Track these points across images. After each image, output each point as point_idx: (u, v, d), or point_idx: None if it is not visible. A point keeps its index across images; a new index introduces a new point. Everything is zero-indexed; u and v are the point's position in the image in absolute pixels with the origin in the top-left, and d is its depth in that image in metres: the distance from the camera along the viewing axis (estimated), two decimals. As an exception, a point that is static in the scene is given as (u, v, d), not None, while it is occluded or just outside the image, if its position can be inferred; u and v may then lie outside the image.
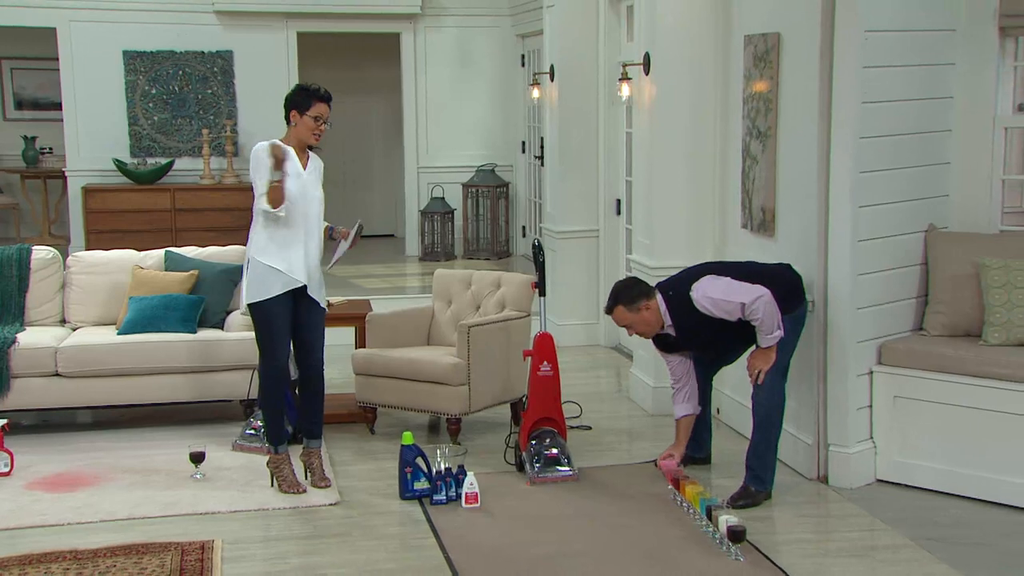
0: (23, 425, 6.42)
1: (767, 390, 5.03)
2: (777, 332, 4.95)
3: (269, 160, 5.04)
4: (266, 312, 5.20)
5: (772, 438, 5.08)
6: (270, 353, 5.27)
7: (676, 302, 5.07)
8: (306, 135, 5.25)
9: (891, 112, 5.31)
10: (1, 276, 6.64)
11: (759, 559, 4.47)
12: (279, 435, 5.35)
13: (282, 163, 5.05)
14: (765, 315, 4.88)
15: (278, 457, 5.35)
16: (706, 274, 5.11)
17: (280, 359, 5.29)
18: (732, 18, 6.21)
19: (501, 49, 11.83)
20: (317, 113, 5.22)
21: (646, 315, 5.09)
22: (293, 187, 5.16)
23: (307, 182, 5.25)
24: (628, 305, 5.10)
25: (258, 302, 5.19)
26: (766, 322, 4.91)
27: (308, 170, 5.29)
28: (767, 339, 4.96)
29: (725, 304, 4.93)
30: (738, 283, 4.98)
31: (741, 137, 6.05)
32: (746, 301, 4.87)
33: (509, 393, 6.19)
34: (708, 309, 4.98)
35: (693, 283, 5.05)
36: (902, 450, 5.33)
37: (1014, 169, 5.82)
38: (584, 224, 8.32)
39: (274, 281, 5.17)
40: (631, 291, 5.15)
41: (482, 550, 4.60)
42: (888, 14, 5.23)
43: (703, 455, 5.61)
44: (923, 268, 5.53)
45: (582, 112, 8.22)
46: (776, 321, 4.93)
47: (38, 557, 4.52)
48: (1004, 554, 4.57)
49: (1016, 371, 4.99)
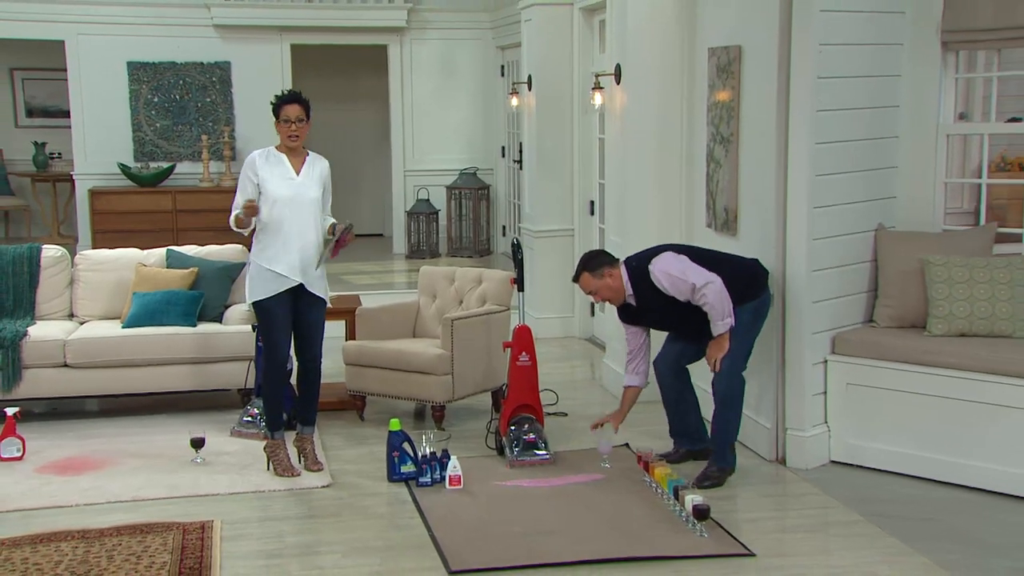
0: (34, 413, 6.38)
1: (725, 376, 5.00)
2: (728, 320, 4.93)
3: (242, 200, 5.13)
4: (265, 310, 5.20)
5: (731, 419, 5.06)
6: (271, 347, 5.26)
7: (637, 274, 5.06)
8: (284, 139, 5.24)
9: (843, 120, 5.33)
10: (13, 273, 6.60)
11: (722, 535, 4.49)
12: (277, 422, 5.34)
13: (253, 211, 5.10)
14: (715, 301, 4.88)
15: (274, 443, 5.34)
16: (669, 251, 5.10)
17: (280, 353, 5.28)
18: (697, 32, 6.22)
19: (482, 60, 11.82)
20: (286, 116, 5.22)
21: (609, 282, 5.08)
22: (284, 190, 5.15)
23: (300, 184, 5.22)
24: (592, 271, 5.11)
25: (257, 301, 5.19)
26: (716, 308, 4.89)
27: (302, 173, 5.25)
28: (717, 326, 4.94)
29: (678, 282, 4.93)
30: (695, 265, 4.96)
31: (706, 143, 6.06)
32: (697, 283, 4.88)
33: (490, 382, 6.19)
34: (662, 284, 4.97)
35: (654, 257, 5.05)
36: (854, 433, 5.36)
37: (955, 173, 5.86)
38: (560, 224, 8.32)
39: (270, 281, 5.16)
40: (596, 259, 5.18)
41: (464, 528, 4.60)
42: (840, 29, 5.25)
43: (700, 448, 5.35)
44: (873, 264, 5.56)
45: (558, 119, 8.22)
46: (726, 309, 4.91)
47: (48, 536, 4.50)
48: (948, 529, 4.60)
49: (957, 360, 5.03)
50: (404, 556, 4.37)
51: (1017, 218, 5.85)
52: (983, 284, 5.18)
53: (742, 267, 5.14)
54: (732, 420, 5.08)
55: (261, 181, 5.18)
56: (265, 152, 5.27)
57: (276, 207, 5.14)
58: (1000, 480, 4.94)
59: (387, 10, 11.46)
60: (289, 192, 5.17)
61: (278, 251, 5.15)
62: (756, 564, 4.25)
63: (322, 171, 5.34)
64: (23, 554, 4.31)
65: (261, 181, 5.18)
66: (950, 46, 5.52)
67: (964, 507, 4.84)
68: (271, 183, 5.17)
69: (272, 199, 5.15)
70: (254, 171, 5.20)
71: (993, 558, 4.30)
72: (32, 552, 4.33)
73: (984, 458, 4.97)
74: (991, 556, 4.32)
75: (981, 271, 5.20)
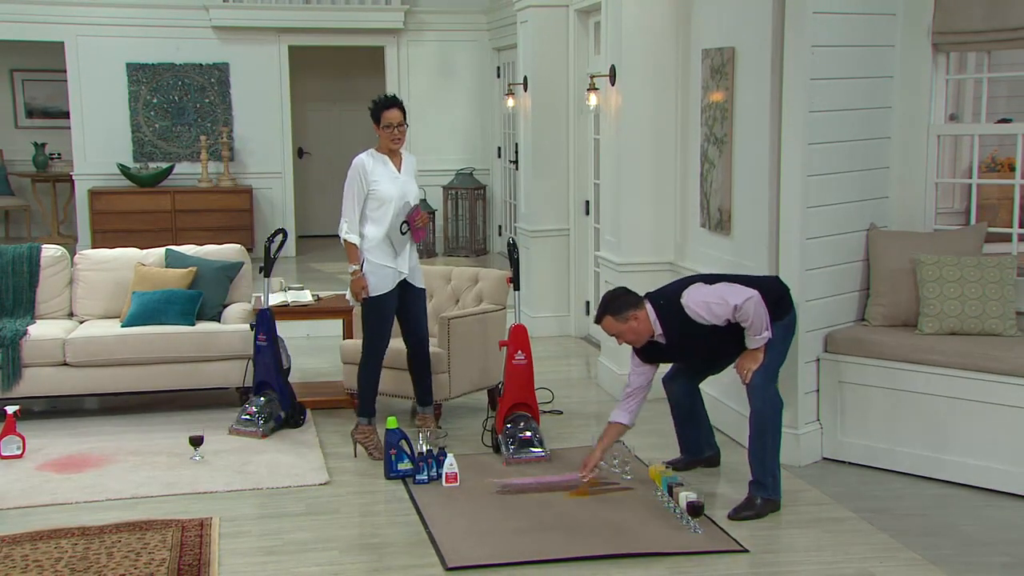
0: (34, 411, 6.38)
1: (760, 398, 4.71)
2: (765, 333, 4.68)
3: (356, 206, 5.40)
4: (378, 303, 5.39)
5: (768, 443, 4.71)
6: (375, 337, 5.45)
7: (667, 310, 4.74)
8: (386, 142, 5.42)
9: (836, 121, 5.34)
10: (13, 272, 6.60)
11: (716, 532, 4.50)
12: (369, 409, 5.52)
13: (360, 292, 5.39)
14: (755, 316, 4.61)
15: (366, 428, 5.50)
16: (697, 281, 4.86)
17: (383, 343, 5.48)
18: (691, 33, 6.23)
19: (478, 61, 11.82)
20: (388, 121, 5.38)
21: (634, 325, 4.75)
22: (393, 190, 5.38)
23: (404, 182, 5.44)
24: (616, 315, 4.76)
25: (378, 295, 5.38)
26: (755, 323, 4.63)
27: (403, 171, 5.47)
28: (755, 340, 4.69)
29: (716, 307, 4.64)
30: (728, 286, 4.71)
31: (700, 143, 6.07)
32: (737, 303, 4.60)
33: (486, 380, 6.19)
34: (699, 314, 4.67)
35: (683, 291, 4.77)
36: (846, 431, 5.37)
37: (946, 173, 5.87)
38: (555, 223, 8.32)
39: (383, 277, 5.37)
40: (619, 301, 4.80)
41: (461, 525, 4.61)
42: (833, 31, 5.26)
43: (704, 456, 5.24)
44: (865, 264, 5.57)
45: (553, 120, 8.22)
46: (765, 322, 4.66)
47: (49, 533, 4.50)
48: (939, 525, 4.61)
49: (948, 358, 5.04)
50: (401, 553, 4.38)
51: (1007, 218, 5.87)
52: (974, 283, 5.20)
53: (767, 287, 4.83)
54: (769, 443, 4.71)
55: (371, 183, 5.37)
56: (370, 155, 5.44)
57: (385, 206, 5.36)
58: (991, 477, 4.95)
59: (384, 12, 11.47)
60: (397, 191, 5.39)
61: (389, 248, 5.37)
62: (749, 560, 4.26)
63: (414, 166, 5.58)
64: (23, 551, 4.31)
65: (371, 183, 5.37)
66: (941, 48, 5.53)
67: (955, 503, 4.85)
68: (381, 184, 5.37)
69: (382, 199, 5.36)
70: (365, 175, 5.38)
71: (983, 554, 4.31)
72: (32, 549, 4.33)
73: (975, 455, 4.98)
74: (981, 552, 4.34)
75: (972, 270, 5.21)
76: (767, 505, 4.70)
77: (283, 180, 11.58)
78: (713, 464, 5.26)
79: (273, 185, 11.54)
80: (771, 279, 5.02)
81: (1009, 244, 5.46)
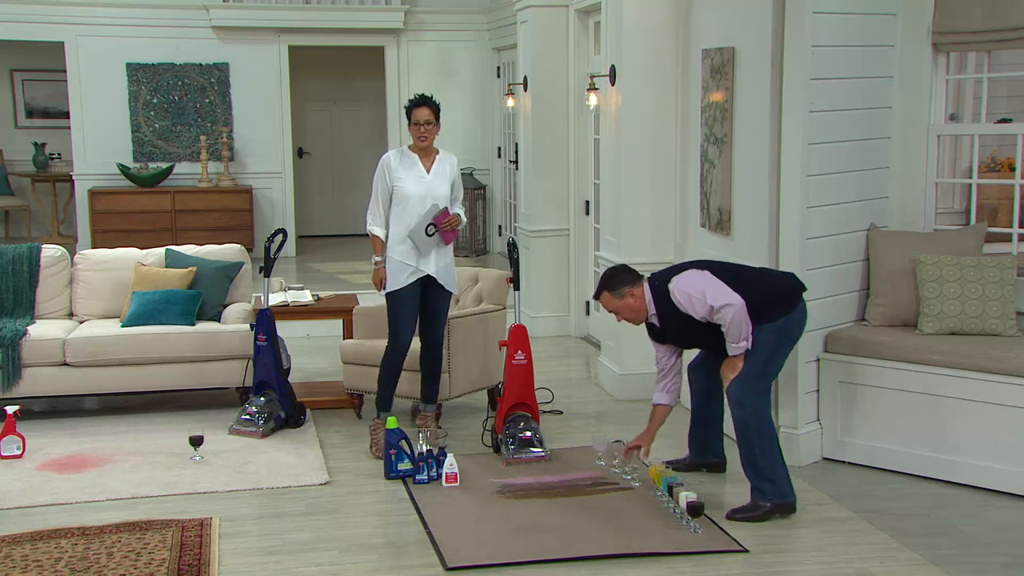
0: (34, 411, 6.38)
1: (738, 405, 4.62)
2: (743, 343, 4.58)
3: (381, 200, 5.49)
4: (397, 298, 5.45)
5: (757, 450, 4.62)
6: (396, 333, 5.50)
7: (659, 292, 4.74)
8: (415, 140, 5.48)
9: (836, 121, 5.34)
10: (13, 273, 6.59)
11: (716, 532, 4.50)
12: (384, 403, 5.60)
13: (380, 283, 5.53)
14: (732, 323, 4.53)
15: (378, 422, 5.55)
16: (694, 268, 4.77)
17: (404, 339, 5.51)
18: (691, 33, 6.23)
19: (478, 61, 11.81)
20: (416, 119, 5.46)
21: (630, 302, 4.77)
22: (416, 188, 5.43)
23: (431, 182, 5.47)
24: (612, 291, 4.81)
25: (392, 291, 5.45)
26: (732, 330, 4.56)
27: (432, 171, 5.50)
28: (733, 348, 4.61)
29: (696, 301, 4.59)
30: (717, 284, 4.60)
31: (700, 143, 6.07)
32: (715, 304, 4.53)
33: (486, 380, 6.19)
34: (680, 302, 4.64)
35: (676, 275, 4.73)
36: (846, 431, 5.37)
37: (946, 173, 5.87)
38: (555, 223, 8.32)
39: (402, 272, 5.42)
40: (617, 278, 4.83)
41: (461, 525, 4.60)
42: (832, 31, 5.26)
43: (709, 461, 5.19)
44: (865, 264, 5.57)
45: (553, 120, 8.21)
46: (744, 332, 4.56)
47: (49, 533, 4.50)
48: (939, 525, 4.61)
49: (948, 358, 5.04)
50: (401, 553, 4.38)
51: (1007, 218, 5.86)
52: (973, 283, 5.19)
53: (775, 283, 4.78)
54: (758, 450, 4.61)
55: (394, 180, 5.43)
56: (399, 152, 5.53)
57: (405, 204, 5.41)
58: (991, 477, 4.95)
59: (384, 12, 11.46)
60: (420, 190, 5.43)
61: (409, 245, 5.41)
62: (749, 560, 4.26)
63: (451, 167, 5.60)
64: (23, 551, 4.31)
65: (394, 180, 5.43)
66: (941, 48, 5.53)
67: (955, 503, 4.85)
68: (404, 182, 5.43)
69: (405, 196, 5.42)
70: (389, 172, 5.45)
71: (983, 554, 4.31)
72: (32, 549, 4.33)
73: (975, 455, 4.98)
74: (981, 552, 4.33)
75: (972, 270, 5.21)
76: (775, 510, 4.64)
77: (283, 180, 11.58)
78: (717, 471, 5.21)
79: (273, 185, 11.54)
80: (785, 275, 4.93)
81: (1009, 244, 5.46)
